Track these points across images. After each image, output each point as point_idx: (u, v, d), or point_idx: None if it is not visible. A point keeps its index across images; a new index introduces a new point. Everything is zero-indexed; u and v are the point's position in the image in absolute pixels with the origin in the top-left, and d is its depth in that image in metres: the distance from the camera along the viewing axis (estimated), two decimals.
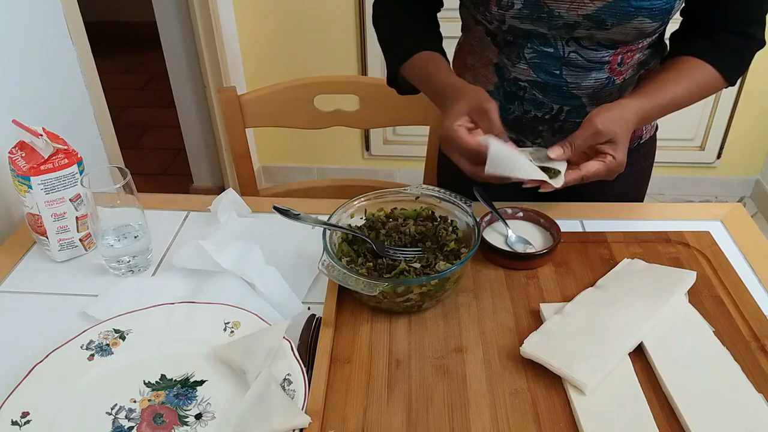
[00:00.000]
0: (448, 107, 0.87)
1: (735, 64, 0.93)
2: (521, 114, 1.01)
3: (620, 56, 0.93)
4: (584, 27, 0.88)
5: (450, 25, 1.10)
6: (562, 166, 0.84)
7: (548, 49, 0.93)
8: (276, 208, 0.84)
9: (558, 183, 0.83)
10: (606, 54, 0.92)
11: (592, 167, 0.83)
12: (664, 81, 0.90)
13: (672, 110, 0.91)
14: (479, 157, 0.82)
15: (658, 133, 1.14)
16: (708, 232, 0.96)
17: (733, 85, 0.94)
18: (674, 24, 0.96)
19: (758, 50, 0.94)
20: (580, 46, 0.91)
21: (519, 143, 1.02)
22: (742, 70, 0.94)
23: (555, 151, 0.84)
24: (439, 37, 1.03)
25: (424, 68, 0.97)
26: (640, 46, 0.94)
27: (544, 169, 0.84)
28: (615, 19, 0.86)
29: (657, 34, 0.95)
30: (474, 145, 0.82)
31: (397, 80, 1.05)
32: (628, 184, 1.15)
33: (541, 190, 0.83)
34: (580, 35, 0.90)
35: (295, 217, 0.84)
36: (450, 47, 1.12)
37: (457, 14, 1.04)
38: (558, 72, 0.94)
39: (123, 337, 0.79)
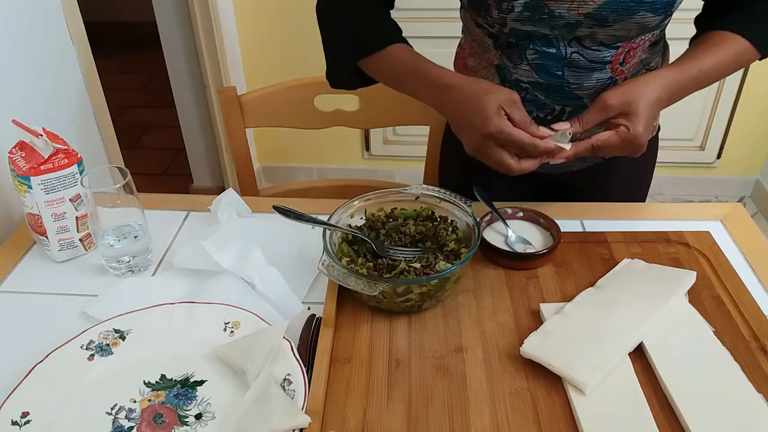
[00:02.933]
0: (473, 106, 0.84)
1: (766, 33, 0.90)
2: None
3: (622, 55, 0.93)
4: (586, 25, 0.88)
5: (450, 25, 1.10)
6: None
7: (550, 50, 0.92)
8: (276, 208, 0.85)
9: (567, 146, 0.82)
10: (608, 53, 0.92)
11: (603, 136, 0.82)
12: (692, 54, 0.88)
13: (704, 83, 0.88)
14: (527, 151, 0.81)
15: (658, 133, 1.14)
16: (708, 232, 0.96)
17: (766, 56, 0.92)
18: (675, 24, 0.96)
19: None
20: (582, 46, 0.91)
21: None
22: None
23: (562, 125, 0.83)
24: (400, 29, 0.99)
25: (406, 64, 0.93)
26: (641, 43, 0.93)
27: None
28: (616, 15, 0.86)
29: (659, 29, 0.95)
30: (529, 140, 0.80)
31: (339, 73, 1.01)
32: (630, 184, 1.14)
33: (551, 162, 0.83)
34: (582, 34, 0.90)
35: (295, 217, 0.84)
36: (450, 47, 1.12)
37: (456, 14, 1.03)
38: (560, 73, 0.94)
39: (123, 337, 0.79)
